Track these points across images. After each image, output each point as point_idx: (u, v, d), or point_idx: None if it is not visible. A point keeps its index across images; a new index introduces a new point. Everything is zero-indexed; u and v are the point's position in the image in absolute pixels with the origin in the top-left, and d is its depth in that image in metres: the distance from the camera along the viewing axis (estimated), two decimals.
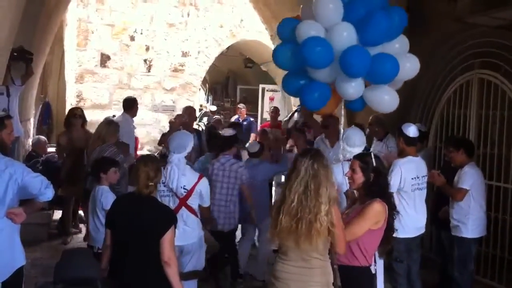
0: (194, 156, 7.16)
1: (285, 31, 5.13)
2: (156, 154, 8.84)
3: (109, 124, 6.74)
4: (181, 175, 4.76)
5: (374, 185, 3.82)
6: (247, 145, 6.84)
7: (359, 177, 3.86)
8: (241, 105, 14.33)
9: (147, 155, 4.31)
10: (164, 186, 4.77)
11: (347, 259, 3.70)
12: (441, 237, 6.04)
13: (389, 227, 3.87)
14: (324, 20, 4.80)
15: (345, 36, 4.70)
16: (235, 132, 6.38)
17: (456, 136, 6.72)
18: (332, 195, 3.43)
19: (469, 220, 5.48)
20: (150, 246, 3.63)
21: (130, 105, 8.37)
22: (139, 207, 3.73)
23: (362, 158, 3.95)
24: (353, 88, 4.79)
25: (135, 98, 8.71)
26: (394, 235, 4.23)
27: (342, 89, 4.83)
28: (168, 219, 3.73)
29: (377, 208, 3.71)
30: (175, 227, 3.73)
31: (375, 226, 3.71)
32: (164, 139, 8.01)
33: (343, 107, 5.14)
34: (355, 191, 4.03)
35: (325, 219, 3.33)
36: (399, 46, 4.96)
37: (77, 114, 7.87)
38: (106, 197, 4.88)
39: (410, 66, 4.94)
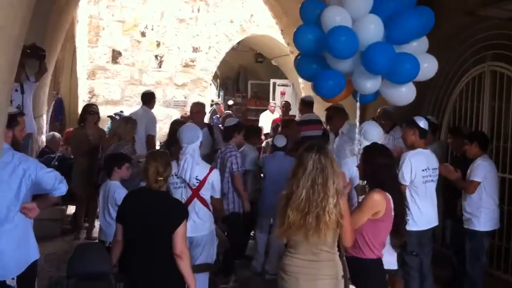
0: (205, 151, 7.19)
1: (309, 13, 5.00)
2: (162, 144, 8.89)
3: (126, 121, 6.78)
4: (195, 165, 4.81)
5: (374, 175, 3.82)
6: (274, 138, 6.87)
7: (362, 168, 3.94)
8: (219, 100, 14.20)
9: (157, 150, 4.34)
10: (177, 177, 4.82)
11: (355, 251, 3.72)
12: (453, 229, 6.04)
13: (399, 219, 3.85)
14: (352, 9, 4.68)
15: (372, 29, 4.59)
16: (236, 122, 6.51)
17: (469, 129, 6.69)
18: (339, 187, 3.44)
19: (482, 213, 5.46)
20: (162, 240, 3.66)
21: (149, 98, 8.91)
22: (151, 202, 3.77)
23: (366, 149, 4.01)
24: (371, 83, 4.70)
25: (152, 92, 9.29)
26: (407, 228, 4.22)
27: (359, 82, 4.74)
28: (181, 213, 3.77)
29: (375, 198, 3.69)
30: (187, 221, 3.77)
31: (375, 216, 3.69)
32: None
33: (358, 100, 5.07)
34: (363, 184, 4.05)
35: (333, 211, 3.35)
36: (417, 45, 4.84)
37: (92, 111, 7.96)
38: (119, 192, 4.92)
39: (427, 67, 4.83)
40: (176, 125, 7.54)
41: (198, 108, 8.01)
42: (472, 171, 5.45)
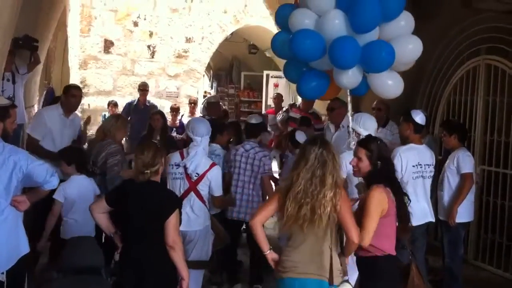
0: None
1: (282, 18, 4.99)
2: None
3: (116, 119, 6.17)
4: (202, 158, 4.80)
5: (381, 172, 3.73)
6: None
7: (366, 166, 3.75)
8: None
9: (146, 142, 4.29)
10: (177, 168, 4.81)
11: (362, 252, 3.64)
12: None
13: (402, 216, 3.76)
14: (316, 7, 4.63)
15: (337, 24, 4.51)
16: (262, 120, 6.19)
17: (451, 120, 6.69)
18: (339, 180, 3.47)
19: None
20: (155, 231, 3.65)
21: None
22: (143, 192, 3.75)
23: (368, 145, 3.79)
24: (348, 78, 4.64)
25: None
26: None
27: (337, 79, 4.71)
28: (172, 203, 3.76)
29: (377, 196, 3.60)
30: (180, 213, 3.75)
31: (381, 214, 3.62)
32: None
33: (348, 93, 5.04)
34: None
35: (329, 203, 3.36)
36: (404, 23, 4.73)
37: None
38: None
39: (412, 48, 4.75)
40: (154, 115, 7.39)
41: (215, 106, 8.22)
42: (461, 164, 5.43)
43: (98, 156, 5.47)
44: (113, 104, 10.75)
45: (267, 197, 5.74)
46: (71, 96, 6.10)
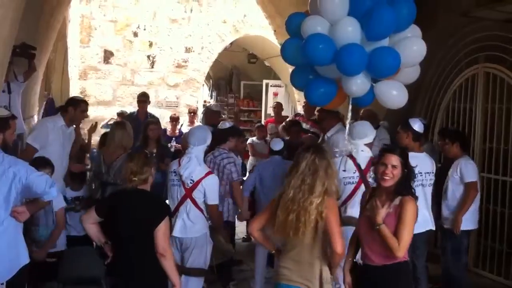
0: None
1: (293, 26, 5.06)
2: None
3: (128, 126, 6.08)
4: (196, 166, 4.80)
5: (407, 181, 3.66)
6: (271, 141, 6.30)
7: (398, 174, 3.60)
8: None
9: (135, 151, 4.32)
10: (175, 175, 4.85)
11: (385, 259, 3.57)
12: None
13: None
14: (329, 14, 4.71)
15: (350, 31, 4.59)
16: (232, 125, 6.19)
17: (450, 128, 6.69)
18: (330, 189, 3.42)
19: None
20: (144, 239, 3.69)
21: None
22: (132, 201, 3.80)
23: (401, 153, 3.70)
24: (357, 86, 4.69)
25: None
26: None
27: (346, 85, 4.76)
28: (161, 211, 3.80)
29: (413, 208, 3.54)
30: (170, 220, 3.76)
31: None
32: None
33: (350, 103, 5.06)
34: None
35: (314, 212, 3.34)
36: (411, 35, 4.83)
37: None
38: None
39: (417, 48, 4.79)
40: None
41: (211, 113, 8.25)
42: (464, 173, 5.43)
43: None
44: (122, 115, 10.62)
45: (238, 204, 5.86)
46: (81, 111, 6.10)
